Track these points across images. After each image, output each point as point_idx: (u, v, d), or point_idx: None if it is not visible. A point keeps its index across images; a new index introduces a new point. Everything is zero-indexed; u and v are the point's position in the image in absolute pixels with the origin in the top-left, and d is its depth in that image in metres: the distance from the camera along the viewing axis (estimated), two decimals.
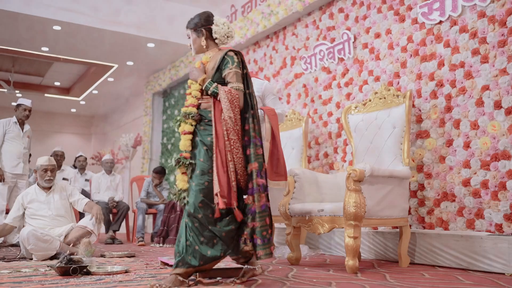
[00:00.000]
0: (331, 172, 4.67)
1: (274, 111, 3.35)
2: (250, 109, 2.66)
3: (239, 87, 2.62)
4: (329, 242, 4.40)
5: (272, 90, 3.48)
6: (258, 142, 2.62)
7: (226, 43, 2.81)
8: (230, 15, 6.78)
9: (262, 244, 2.51)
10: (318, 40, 5.09)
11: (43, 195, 4.24)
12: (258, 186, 2.54)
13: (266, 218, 2.54)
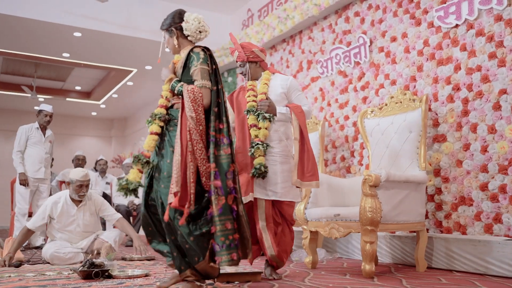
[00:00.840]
0: (348, 176, 4.69)
1: (301, 108, 3.18)
2: (222, 106, 2.56)
3: (203, 84, 2.50)
4: (346, 246, 4.42)
5: (298, 86, 3.29)
6: (226, 141, 2.50)
7: (201, 39, 2.71)
8: (246, 19, 6.84)
9: (220, 250, 2.38)
10: (334, 44, 5.11)
11: (74, 208, 4.19)
12: (216, 188, 2.41)
13: (227, 222, 2.40)
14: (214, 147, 2.46)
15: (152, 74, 8.91)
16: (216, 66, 2.61)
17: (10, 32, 6.71)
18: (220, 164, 2.46)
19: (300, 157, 3.06)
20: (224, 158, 2.48)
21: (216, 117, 2.51)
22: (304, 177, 3.03)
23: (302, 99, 3.26)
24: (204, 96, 2.49)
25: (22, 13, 6.11)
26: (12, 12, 6.05)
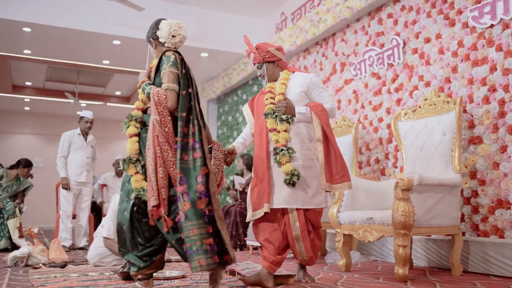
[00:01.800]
0: (383, 178, 4.67)
1: (322, 106, 2.93)
2: (194, 110, 2.53)
3: (168, 87, 2.50)
4: (381, 249, 4.40)
5: (319, 83, 3.02)
6: (197, 145, 2.47)
7: (176, 43, 2.72)
8: (280, 23, 6.89)
9: (190, 255, 2.37)
10: (367, 45, 5.09)
11: None
12: (181, 194, 2.40)
13: (193, 228, 2.37)
14: (182, 152, 2.44)
15: None
16: (187, 70, 2.59)
17: (53, 42, 7.01)
18: (188, 169, 2.43)
19: (326, 159, 2.86)
20: (195, 162, 2.45)
21: (184, 122, 2.48)
22: (333, 179, 2.84)
23: (324, 97, 2.99)
24: (169, 98, 2.49)
25: (65, 23, 6.38)
26: (55, 23, 6.32)
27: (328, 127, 2.89)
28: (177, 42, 2.72)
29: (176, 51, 2.63)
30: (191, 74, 2.67)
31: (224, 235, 2.43)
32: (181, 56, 2.63)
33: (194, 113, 2.53)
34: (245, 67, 7.50)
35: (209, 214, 2.42)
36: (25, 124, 12.94)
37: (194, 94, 2.58)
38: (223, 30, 7.23)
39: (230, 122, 8.60)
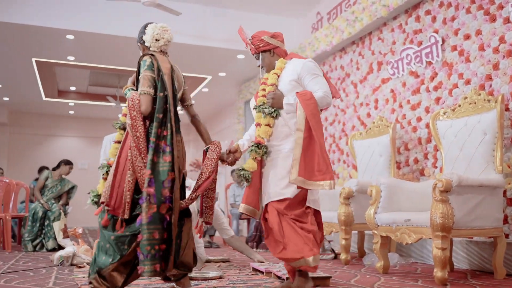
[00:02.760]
0: (422, 179, 4.58)
1: (311, 95, 2.64)
2: (168, 113, 2.52)
3: (142, 91, 2.51)
4: (421, 250, 4.33)
5: (313, 69, 2.72)
6: (168, 149, 2.47)
7: (161, 46, 2.71)
8: (316, 23, 6.86)
9: (144, 259, 2.34)
10: (405, 44, 5.01)
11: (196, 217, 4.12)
12: (148, 195, 2.39)
13: (155, 232, 2.36)
14: (154, 154, 2.44)
15: (226, 80, 9.18)
16: (163, 73, 2.57)
17: (95, 48, 7.25)
18: (158, 172, 2.44)
19: (305, 152, 2.59)
20: (163, 166, 2.45)
21: (160, 123, 2.49)
22: (312, 175, 2.57)
23: (317, 83, 2.69)
24: (142, 102, 2.51)
25: (105, 30, 6.58)
26: (96, 30, 6.54)
27: (314, 118, 2.60)
28: (161, 45, 2.71)
29: (153, 54, 2.62)
30: (174, 76, 2.67)
31: (174, 245, 2.46)
32: (156, 58, 2.60)
33: (169, 116, 2.53)
34: None
35: (169, 220, 2.44)
36: (70, 128, 13.41)
37: (171, 97, 2.57)
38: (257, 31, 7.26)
39: None
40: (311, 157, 2.60)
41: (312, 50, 6.56)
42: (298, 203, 2.66)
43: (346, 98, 6.08)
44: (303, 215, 2.65)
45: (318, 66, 2.80)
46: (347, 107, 6.05)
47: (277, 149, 2.75)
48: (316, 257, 2.55)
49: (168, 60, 2.72)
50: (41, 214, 5.91)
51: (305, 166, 2.57)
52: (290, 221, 2.61)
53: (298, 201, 2.67)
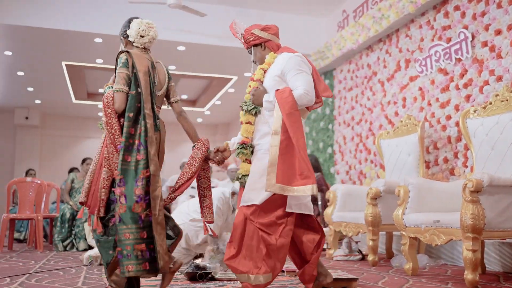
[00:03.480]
0: (452, 179, 4.47)
1: (289, 93, 2.49)
2: (142, 111, 2.47)
3: (115, 88, 2.49)
4: (451, 252, 4.22)
5: (297, 64, 2.56)
6: (142, 146, 2.42)
7: (145, 43, 2.68)
8: (342, 21, 6.79)
9: (123, 259, 2.33)
10: (433, 40, 4.90)
11: (230, 214, 4.16)
12: (118, 195, 2.37)
13: (126, 232, 2.33)
14: (124, 153, 2.41)
15: None
16: (137, 70, 2.52)
17: None
18: (129, 171, 2.40)
19: (282, 156, 2.43)
20: (137, 164, 2.41)
21: (131, 122, 2.45)
22: (293, 180, 2.41)
23: (297, 79, 2.53)
24: (115, 100, 2.48)
25: None
26: None
27: (290, 118, 2.45)
28: (145, 42, 2.68)
29: (127, 51, 2.59)
30: (154, 73, 2.63)
31: (159, 242, 2.38)
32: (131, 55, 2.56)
33: (143, 114, 2.47)
34: None
35: (145, 219, 2.38)
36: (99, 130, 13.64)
37: (147, 95, 2.51)
38: (284, 31, 7.14)
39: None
40: (290, 161, 2.44)
41: (338, 48, 6.50)
42: (268, 211, 2.51)
43: (373, 97, 5.99)
44: (271, 225, 2.49)
45: (305, 61, 2.65)
46: (374, 106, 5.96)
47: (256, 149, 2.67)
48: (258, 277, 2.44)
49: (149, 56, 2.69)
50: (69, 215, 6.02)
51: (283, 171, 2.42)
52: (255, 230, 2.50)
53: (268, 209, 2.51)
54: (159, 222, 2.40)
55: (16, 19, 6.22)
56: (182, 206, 4.43)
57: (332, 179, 6.96)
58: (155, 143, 2.49)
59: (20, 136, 12.23)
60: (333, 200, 4.87)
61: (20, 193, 6.10)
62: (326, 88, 2.72)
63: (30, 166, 10.80)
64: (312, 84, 2.59)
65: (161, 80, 2.70)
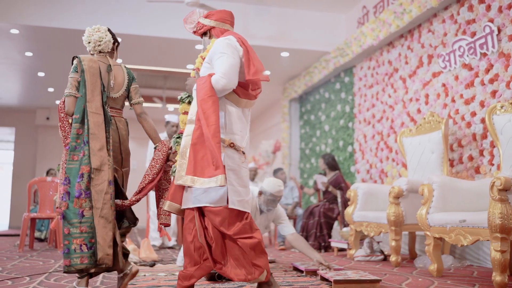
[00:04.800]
0: (477, 177, 4.34)
1: (206, 79, 2.39)
2: (86, 112, 2.58)
3: (66, 93, 2.62)
4: (477, 253, 4.09)
5: (221, 47, 2.44)
6: (84, 144, 2.54)
7: (94, 49, 2.78)
8: (362, 17, 6.67)
9: (63, 254, 2.45)
10: (457, 35, 4.76)
11: (258, 215, 3.96)
12: (63, 193, 2.49)
13: (66, 227, 2.45)
14: (71, 153, 2.54)
15: (270, 79, 9.00)
16: (84, 73, 2.62)
17: (141, 50, 7.37)
18: (75, 169, 2.51)
19: (194, 144, 2.35)
20: (80, 162, 2.51)
21: (78, 123, 2.56)
22: (206, 172, 2.32)
23: (218, 64, 2.40)
24: (66, 104, 2.62)
25: (151, 32, 6.67)
26: (142, 32, 6.64)
27: (203, 104, 2.34)
28: (92, 47, 2.78)
29: (77, 56, 2.69)
30: (110, 75, 2.72)
31: (102, 235, 2.44)
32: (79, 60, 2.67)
33: (86, 113, 2.57)
34: (327, 65, 7.36)
35: (86, 214, 2.45)
36: None
37: (95, 96, 2.61)
38: (303, 28, 7.16)
39: (312, 121, 8.50)
40: (203, 151, 2.35)
41: (358, 45, 6.39)
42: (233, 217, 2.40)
43: (395, 94, 5.87)
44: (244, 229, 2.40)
45: (233, 43, 2.48)
46: (395, 103, 5.84)
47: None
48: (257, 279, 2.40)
49: (106, 60, 2.78)
50: None
51: (195, 162, 2.34)
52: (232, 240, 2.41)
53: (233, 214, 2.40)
54: (103, 216, 2.47)
55: (36, 20, 6.28)
56: None
57: (352, 178, 6.86)
58: (100, 139, 2.55)
59: (41, 137, 12.38)
60: (354, 199, 4.77)
61: (41, 193, 6.14)
62: (257, 71, 2.48)
63: (51, 166, 10.92)
64: (234, 67, 2.42)
65: (118, 82, 2.79)
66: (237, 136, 2.47)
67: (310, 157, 8.52)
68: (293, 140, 9.16)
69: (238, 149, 2.45)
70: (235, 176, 2.42)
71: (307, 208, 5.98)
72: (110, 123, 2.66)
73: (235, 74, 2.42)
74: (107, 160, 2.55)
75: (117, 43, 2.95)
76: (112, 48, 2.88)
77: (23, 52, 7.56)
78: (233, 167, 2.42)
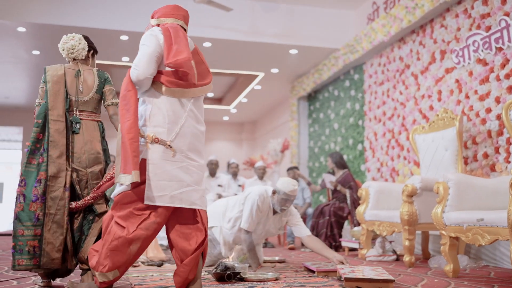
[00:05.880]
0: (492, 175, 4.22)
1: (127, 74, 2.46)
2: (47, 117, 2.72)
3: (36, 103, 2.83)
4: (493, 253, 3.98)
5: (142, 39, 2.48)
6: (43, 150, 2.68)
7: (66, 56, 2.95)
8: (371, 13, 6.57)
9: (12, 254, 2.59)
10: (471, 30, 4.65)
11: (271, 215, 3.87)
12: (18, 195, 2.64)
13: (20, 229, 2.59)
14: (29, 156, 2.68)
15: (278, 77, 9.02)
16: (47, 84, 2.79)
17: None
18: (32, 173, 2.66)
19: (122, 142, 2.35)
20: (38, 167, 2.66)
21: (39, 128, 2.71)
22: (126, 167, 2.31)
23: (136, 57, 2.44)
24: (35, 112, 2.79)
25: None
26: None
27: (121, 101, 2.40)
28: (66, 55, 2.94)
29: (45, 67, 2.87)
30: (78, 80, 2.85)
31: (51, 239, 2.58)
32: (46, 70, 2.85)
33: (47, 120, 2.71)
34: (336, 62, 7.26)
35: (40, 218, 2.60)
36: None
37: (54, 102, 2.75)
38: (312, 25, 7.06)
39: (321, 119, 8.40)
40: (123, 147, 2.35)
41: (369, 41, 6.29)
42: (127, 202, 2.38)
43: (406, 91, 5.76)
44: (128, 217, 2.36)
45: (154, 33, 2.44)
46: (407, 100, 5.73)
47: None
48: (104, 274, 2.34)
49: (76, 66, 2.92)
50: None
51: (123, 159, 2.33)
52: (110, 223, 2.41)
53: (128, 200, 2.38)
54: (56, 221, 2.61)
55: (43, 18, 6.23)
56: (216, 207, 4.11)
57: (362, 176, 6.75)
58: (60, 146, 2.69)
59: None
60: (366, 197, 4.68)
61: None
62: (175, 55, 2.35)
63: None
64: (147, 56, 2.38)
65: (88, 85, 2.89)
66: (162, 129, 2.39)
67: (319, 156, 8.42)
68: (302, 138, 9.07)
69: (163, 143, 2.37)
70: (158, 170, 2.36)
71: (317, 207, 5.89)
72: (74, 128, 2.78)
73: (149, 63, 2.38)
74: (64, 167, 2.69)
75: (94, 51, 3.07)
76: (87, 56, 3.01)
77: (30, 51, 7.52)
78: (156, 161, 2.36)
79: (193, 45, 2.63)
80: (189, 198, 2.41)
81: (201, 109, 2.56)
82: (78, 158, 2.76)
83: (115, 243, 2.32)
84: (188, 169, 2.43)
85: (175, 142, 2.39)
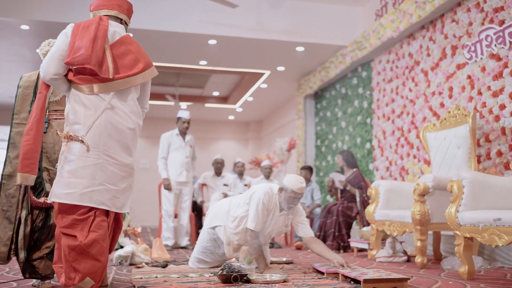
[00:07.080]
0: (506, 173, 4.09)
1: None
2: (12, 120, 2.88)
3: None
4: (508, 254, 3.86)
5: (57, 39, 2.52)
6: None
7: None
8: (380, 9, 6.44)
9: None
10: (484, 24, 4.52)
11: (278, 213, 3.72)
12: None
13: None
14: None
15: (285, 75, 8.91)
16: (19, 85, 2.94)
17: (152, 46, 7.20)
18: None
19: None
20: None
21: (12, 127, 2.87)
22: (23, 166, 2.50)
23: None
24: None
25: (161, 27, 6.50)
26: (152, 27, 6.47)
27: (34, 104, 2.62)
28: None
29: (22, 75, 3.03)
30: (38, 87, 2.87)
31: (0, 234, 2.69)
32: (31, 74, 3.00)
33: (12, 124, 2.85)
34: (343, 59, 7.14)
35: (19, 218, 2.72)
36: None
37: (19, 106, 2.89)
38: (318, 21, 6.94)
39: (328, 117, 8.28)
40: None
41: (377, 38, 6.16)
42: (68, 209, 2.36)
43: (416, 88, 5.64)
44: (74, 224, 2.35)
45: (65, 31, 2.47)
46: (416, 98, 5.61)
47: None
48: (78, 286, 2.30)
49: None
50: None
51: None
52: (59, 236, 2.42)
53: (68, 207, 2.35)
54: (7, 217, 2.72)
55: (47, 15, 6.15)
56: (220, 206, 3.99)
57: (371, 176, 6.63)
58: (19, 147, 2.71)
59: None
60: (375, 197, 4.56)
61: None
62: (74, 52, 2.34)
63: None
64: (51, 55, 2.39)
65: None
66: (78, 126, 2.38)
67: (326, 155, 8.30)
68: (309, 137, 8.95)
69: (77, 139, 2.35)
70: (70, 167, 2.34)
71: (325, 206, 5.77)
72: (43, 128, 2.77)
73: (53, 62, 2.38)
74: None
75: None
76: None
77: (34, 49, 7.45)
78: (70, 158, 2.36)
79: (120, 35, 2.54)
80: (100, 197, 2.36)
81: (131, 103, 2.49)
82: (49, 157, 2.82)
83: (73, 254, 2.28)
84: (104, 166, 2.37)
85: (88, 136, 2.36)
